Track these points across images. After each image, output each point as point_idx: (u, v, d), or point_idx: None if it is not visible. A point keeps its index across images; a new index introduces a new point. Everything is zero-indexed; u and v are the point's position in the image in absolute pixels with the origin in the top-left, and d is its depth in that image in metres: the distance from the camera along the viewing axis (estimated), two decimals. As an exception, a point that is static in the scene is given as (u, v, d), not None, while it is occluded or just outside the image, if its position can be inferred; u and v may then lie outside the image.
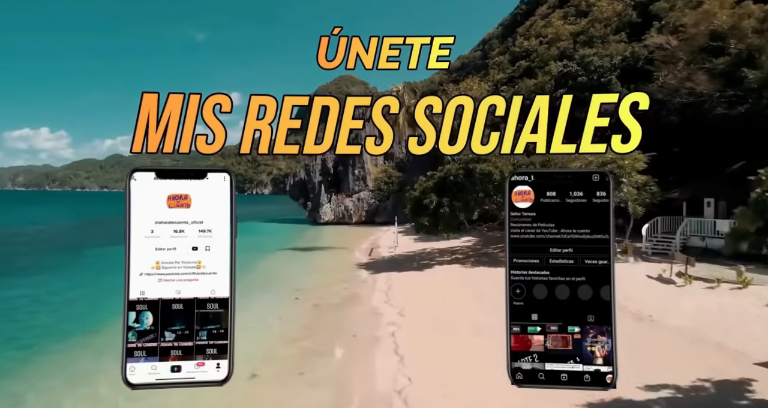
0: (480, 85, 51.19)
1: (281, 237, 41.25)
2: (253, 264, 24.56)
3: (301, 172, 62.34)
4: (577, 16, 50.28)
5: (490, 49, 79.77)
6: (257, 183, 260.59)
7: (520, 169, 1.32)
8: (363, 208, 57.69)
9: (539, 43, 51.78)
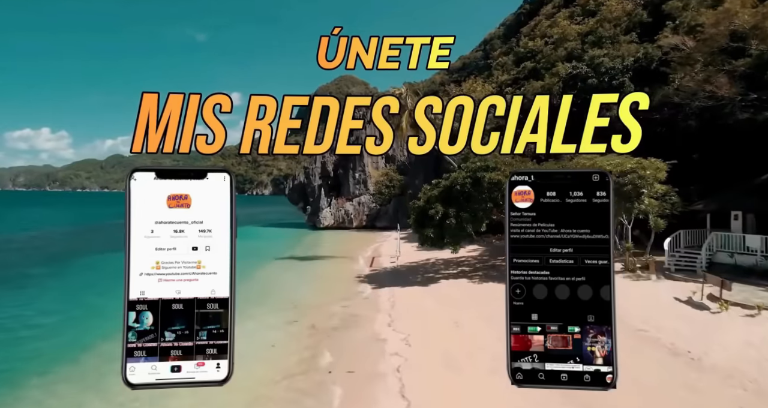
0: (484, 86, 49.93)
1: (280, 243, 39.94)
2: (250, 274, 23.34)
3: (301, 175, 60.94)
4: (584, 16, 48.90)
5: (491, 50, 78.63)
6: (257, 183, 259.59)
7: (520, 169, 1.28)
8: (363, 212, 56.36)
9: (545, 44, 50.42)
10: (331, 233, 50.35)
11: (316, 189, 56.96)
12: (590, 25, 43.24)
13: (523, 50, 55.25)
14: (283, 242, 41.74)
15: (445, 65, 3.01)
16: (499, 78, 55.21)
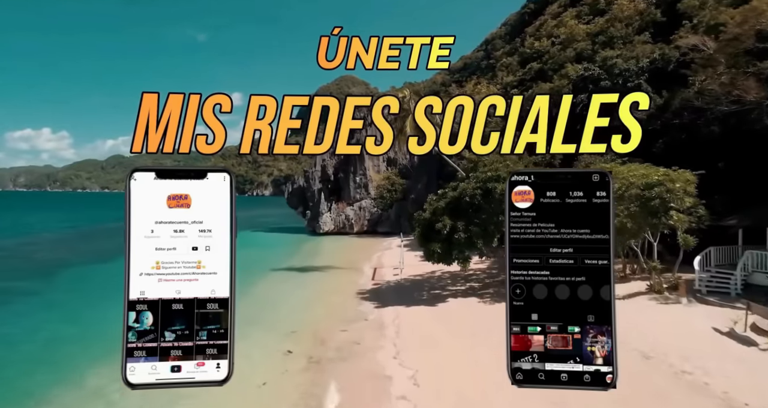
0: (488, 88, 48.46)
1: (277, 252, 38.41)
2: (245, 289, 21.84)
3: (300, 179, 59.39)
4: (593, 15, 47.37)
5: (493, 50, 77.26)
6: (258, 184, 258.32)
7: (520, 169, 1.30)
8: (365, 217, 54.81)
9: (551, 44, 48.89)
10: (332, 239, 48.84)
11: (315, 193, 55.41)
12: (600, 24, 41.71)
13: (528, 51, 53.73)
14: (281, 250, 40.23)
15: (445, 65, 2.99)
16: (504, 79, 53.71)
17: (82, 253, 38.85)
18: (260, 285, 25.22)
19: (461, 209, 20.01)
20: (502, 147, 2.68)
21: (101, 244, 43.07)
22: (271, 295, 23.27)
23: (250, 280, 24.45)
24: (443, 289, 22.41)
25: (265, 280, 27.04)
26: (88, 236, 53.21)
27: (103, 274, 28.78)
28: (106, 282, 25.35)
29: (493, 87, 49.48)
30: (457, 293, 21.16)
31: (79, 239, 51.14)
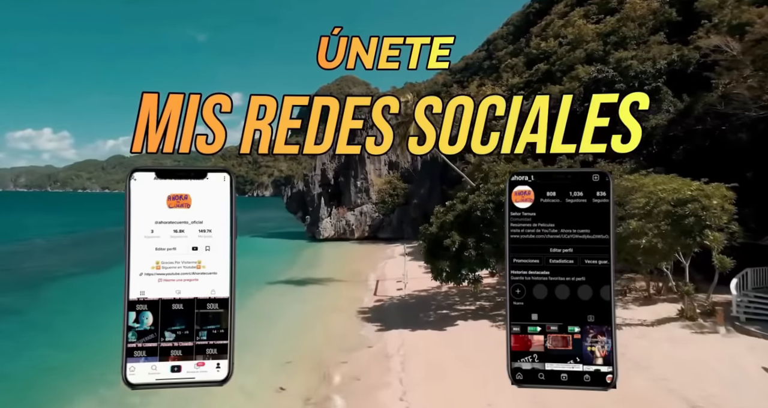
0: (493, 90, 46.88)
1: (275, 261, 36.87)
2: (241, 302, 18.65)
3: (299, 183, 57.84)
4: (602, 15, 45.78)
5: (495, 50, 75.64)
6: (258, 185, 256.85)
7: (520, 169, 1.25)
8: (366, 222, 53.28)
9: (559, 45, 47.35)
10: (332, 246, 47.32)
11: (315, 198, 53.88)
12: (611, 24, 40.15)
13: (534, 51, 52.16)
14: (279, 258, 38.69)
15: (445, 65, 3.01)
16: (509, 81, 52.14)
17: (73, 263, 37.32)
18: (257, 297, 23.78)
19: (471, 224, 18.49)
20: (502, 147, 2.65)
21: (98, 249, 41.76)
22: (267, 308, 21.81)
23: (247, 292, 22.92)
24: (451, 308, 20.87)
25: (262, 291, 25.61)
26: (84, 243, 51.67)
27: (92, 288, 27.34)
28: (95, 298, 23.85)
29: (498, 88, 47.94)
30: (466, 314, 19.61)
31: (74, 246, 49.56)
